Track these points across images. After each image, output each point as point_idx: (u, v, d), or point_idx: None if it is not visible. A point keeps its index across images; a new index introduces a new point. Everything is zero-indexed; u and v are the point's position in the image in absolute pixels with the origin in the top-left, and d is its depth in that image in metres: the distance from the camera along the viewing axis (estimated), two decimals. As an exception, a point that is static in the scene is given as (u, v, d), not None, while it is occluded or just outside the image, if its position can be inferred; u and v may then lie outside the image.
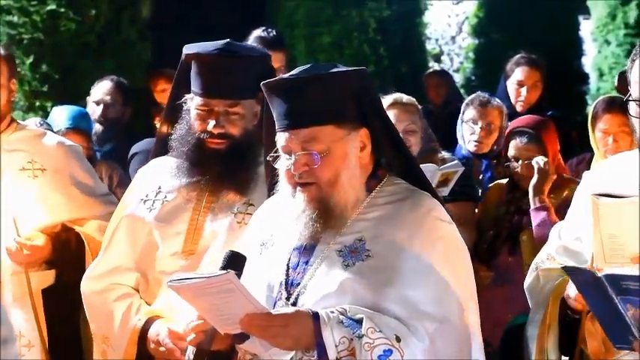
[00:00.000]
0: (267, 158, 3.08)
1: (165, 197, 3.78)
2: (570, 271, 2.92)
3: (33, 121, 5.78)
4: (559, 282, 3.32)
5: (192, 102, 3.70)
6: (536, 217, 5.05)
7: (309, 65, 3.10)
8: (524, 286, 3.50)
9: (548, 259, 3.43)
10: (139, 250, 3.78)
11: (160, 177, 3.82)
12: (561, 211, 5.01)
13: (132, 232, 3.79)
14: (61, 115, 6.26)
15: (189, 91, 3.73)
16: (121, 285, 3.80)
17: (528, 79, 6.62)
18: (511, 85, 6.67)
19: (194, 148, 3.68)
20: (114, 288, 3.80)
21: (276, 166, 3.05)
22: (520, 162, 5.26)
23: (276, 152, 3.05)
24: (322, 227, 2.97)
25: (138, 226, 3.78)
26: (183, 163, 3.71)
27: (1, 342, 4.29)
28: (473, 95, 6.10)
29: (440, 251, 2.97)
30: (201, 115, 3.68)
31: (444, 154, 5.54)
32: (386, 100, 5.30)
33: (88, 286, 3.87)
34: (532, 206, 5.09)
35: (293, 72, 3.09)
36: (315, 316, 2.84)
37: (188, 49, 3.74)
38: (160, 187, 3.80)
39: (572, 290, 3.15)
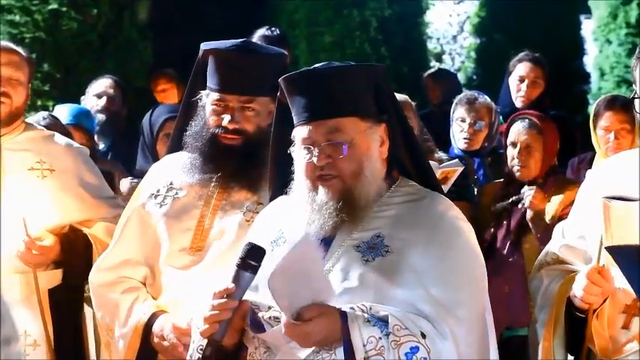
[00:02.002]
0: (289, 151, 3.05)
1: (177, 193, 3.79)
2: (613, 251, 2.89)
3: (40, 116, 5.80)
4: (564, 281, 3.31)
5: (208, 98, 3.71)
6: (544, 241, 5.06)
7: (325, 62, 3.10)
8: (529, 286, 3.50)
9: (552, 257, 3.43)
10: (149, 245, 3.78)
11: (172, 172, 3.83)
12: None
13: (142, 226, 3.80)
14: (63, 112, 6.30)
15: (204, 88, 3.75)
16: (130, 278, 3.80)
17: (529, 74, 6.65)
18: (513, 81, 6.69)
19: (208, 144, 3.69)
20: (122, 281, 3.80)
21: (294, 156, 3.04)
22: (518, 147, 5.26)
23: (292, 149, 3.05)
24: (347, 218, 2.96)
25: (148, 221, 3.79)
26: (197, 159, 3.72)
27: (3, 341, 4.29)
28: (461, 94, 6.13)
29: (459, 250, 2.97)
30: (216, 110, 3.69)
31: (441, 154, 5.54)
32: None
33: (97, 277, 3.87)
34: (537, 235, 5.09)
35: (313, 67, 3.09)
36: (343, 314, 2.81)
37: (206, 45, 3.76)
38: (171, 183, 3.81)
39: (577, 289, 3.15)
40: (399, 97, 5.38)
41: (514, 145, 5.29)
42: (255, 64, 3.67)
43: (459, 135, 5.91)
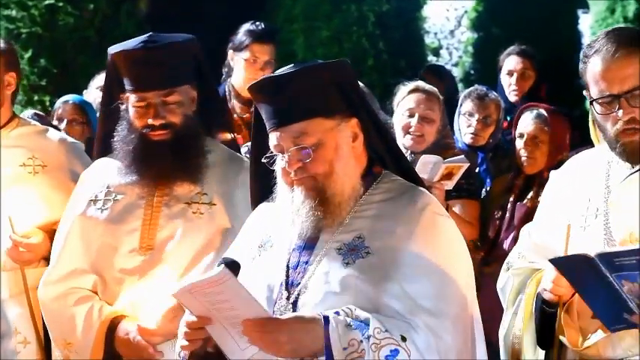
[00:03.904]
0: (263, 160, 3.06)
1: (115, 197, 3.77)
2: (556, 263, 2.93)
3: (26, 114, 5.82)
4: (532, 278, 3.33)
5: (129, 100, 3.70)
6: None
7: (290, 65, 3.10)
8: (497, 286, 3.50)
9: (520, 258, 3.44)
10: (94, 252, 3.75)
11: (106, 177, 3.81)
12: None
13: (85, 233, 3.77)
14: (70, 95, 6.42)
15: (122, 91, 3.74)
16: (80, 288, 3.77)
17: (517, 66, 6.74)
18: (503, 76, 6.77)
19: (139, 145, 3.67)
20: (72, 292, 3.76)
21: (273, 167, 3.05)
22: (524, 138, 5.24)
23: (269, 155, 3.04)
24: (323, 215, 2.96)
25: (90, 228, 3.76)
26: (131, 162, 3.70)
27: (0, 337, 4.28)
28: (471, 88, 6.10)
29: (438, 245, 2.96)
30: (139, 111, 3.67)
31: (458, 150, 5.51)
32: (408, 86, 5.30)
33: (45, 292, 3.83)
34: None
35: (276, 72, 3.10)
36: (325, 319, 2.80)
37: (112, 49, 3.76)
38: (108, 187, 3.79)
39: (547, 282, 3.16)
40: (429, 87, 5.38)
41: (521, 136, 5.27)
42: (165, 55, 3.66)
43: (465, 129, 5.88)
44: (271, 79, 3.04)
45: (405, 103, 5.25)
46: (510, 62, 6.77)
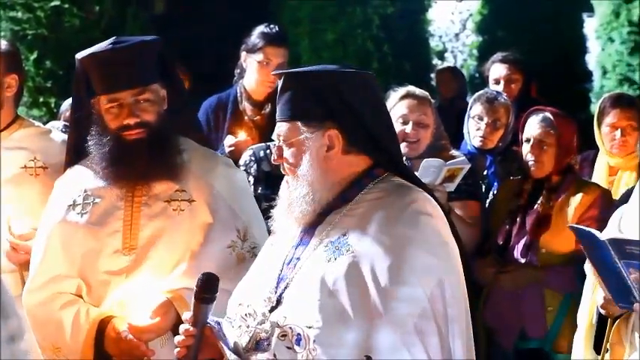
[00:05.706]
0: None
1: (94, 200, 3.76)
2: (576, 230, 2.92)
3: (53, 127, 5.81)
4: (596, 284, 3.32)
5: (101, 104, 3.70)
6: None
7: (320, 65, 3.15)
8: (585, 267, 3.49)
9: None
10: (77, 256, 3.74)
11: (83, 182, 3.80)
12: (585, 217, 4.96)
13: (66, 238, 3.76)
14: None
15: (91, 97, 3.73)
16: (64, 293, 3.75)
17: (501, 73, 6.75)
18: (491, 85, 6.79)
19: (115, 147, 3.66)
20: (57, 297, 3.75)
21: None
22: (531, 142, 5.22)
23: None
24: (301, 212, 3.01)
25: (71, 232, 3.75)
26: (107, 165, 3.69)
27: (8, 338, 4.26)
28: (481, 91, 6.08)
29: (418, 245, 2.93)
30: (112, 112, 3.66)
31: (454, 152, 5.49)
32: (398, 92, 5.29)
33: (30, 298, 3.81)
34: None
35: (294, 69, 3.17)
36: None
37: (80, 54, 3.75)
38: (85, 191, 3.78)
39: (599, 297, 3.16)
40: (419, 91, 5.36)
41: (528, 140, 5.25)
42: (134, 55, 3.67)
43: (474, 132, 5.87)
44: (285, 73, 3.11)
45: (398, 110, 5.23)
46: (495, 71, 6.80)
